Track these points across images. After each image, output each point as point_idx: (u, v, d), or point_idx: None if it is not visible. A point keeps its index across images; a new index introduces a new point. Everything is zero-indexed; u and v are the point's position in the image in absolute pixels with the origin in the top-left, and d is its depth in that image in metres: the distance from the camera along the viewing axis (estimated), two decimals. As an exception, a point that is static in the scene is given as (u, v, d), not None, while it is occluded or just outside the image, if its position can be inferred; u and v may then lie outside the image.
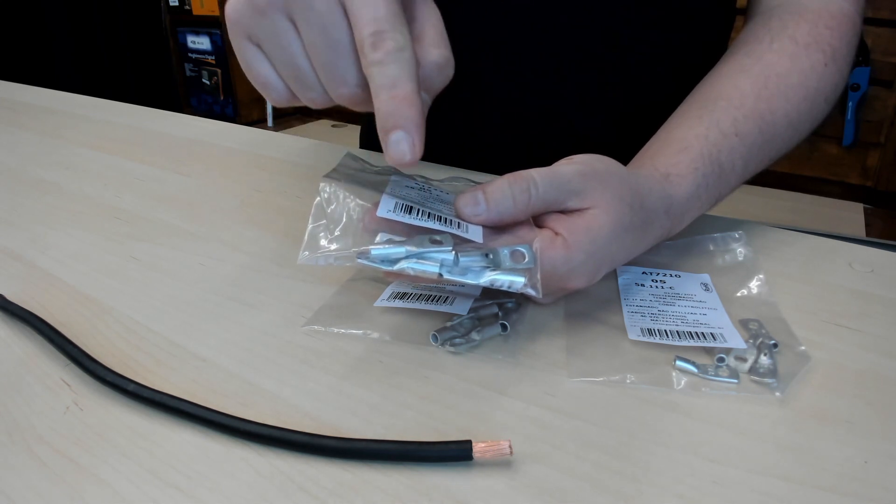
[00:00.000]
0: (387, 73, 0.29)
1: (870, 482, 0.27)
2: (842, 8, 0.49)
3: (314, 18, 0.30)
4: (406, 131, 0.29)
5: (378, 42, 0.29)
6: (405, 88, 0.29)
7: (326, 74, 0.31)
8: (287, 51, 0.32)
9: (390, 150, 0.30)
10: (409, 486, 0.26)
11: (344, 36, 0.30)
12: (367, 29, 0.29)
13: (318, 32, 0.30)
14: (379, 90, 0.29)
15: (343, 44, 0.30)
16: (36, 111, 0.84)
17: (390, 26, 0.29)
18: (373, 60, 0.29)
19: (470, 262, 0.31)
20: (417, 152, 0.30)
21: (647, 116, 0.50)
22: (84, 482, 0.27)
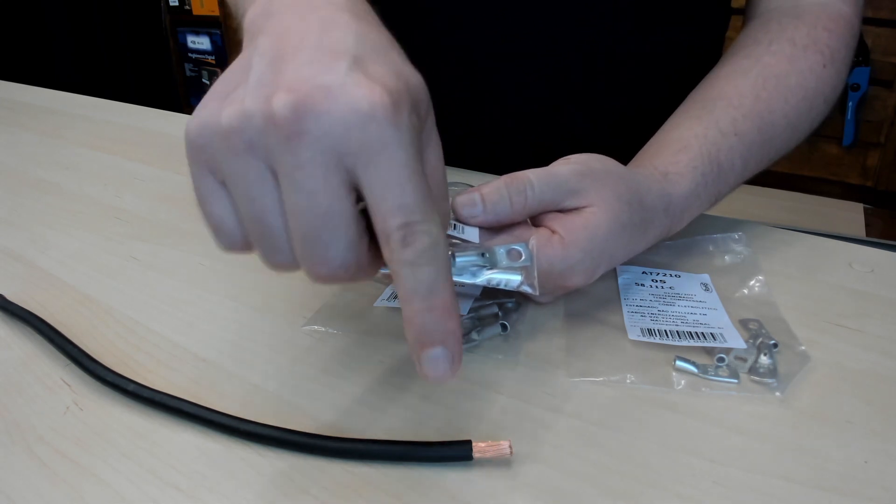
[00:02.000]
0: (421, 278, 0.24)
1: (870, 482, 0.27)
2: (840, 10, 0.50)
3: (305, 181, 0.23)
4: (446, 346, 0.24)
5: (409, 237, 0.23)
6: (443, 296, 0.24)
7: (306, 249, 0.24)
8: (258, 204, 0.24)
9: (426, 368, 0.24)
10: (409, 486, 0.26)
11: (344, 210, 0.24)
12: (395, 220, 0.23)
13: (306, 198, 0.23)
14: (411, 297, 0.24)
15: (340, 219, 0.24)
16: (36, 111, 0.84)
17: (422, 216, 0.23)
18: (404, 260, 0.24)
19: (466, 262, 0.31)
20: (457, 369, 0.25)
21: (647, 117, 0.50)
22: (84, 482, 0.27)
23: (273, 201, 0.24)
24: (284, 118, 0.22)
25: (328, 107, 0.23)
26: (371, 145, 0.23)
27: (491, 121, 0.61)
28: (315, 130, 0.23)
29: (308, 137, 0.23)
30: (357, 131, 0.23)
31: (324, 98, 0.23)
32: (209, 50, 3.18)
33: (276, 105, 0.23)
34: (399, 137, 0.23)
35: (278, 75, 0.24)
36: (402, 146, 0.23)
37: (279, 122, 0.23)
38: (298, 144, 0.23)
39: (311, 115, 0.22)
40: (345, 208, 0.24)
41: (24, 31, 2.66)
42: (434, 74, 0.66)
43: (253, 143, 0.23)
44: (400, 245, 0.23)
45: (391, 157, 0.23)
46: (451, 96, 0.62)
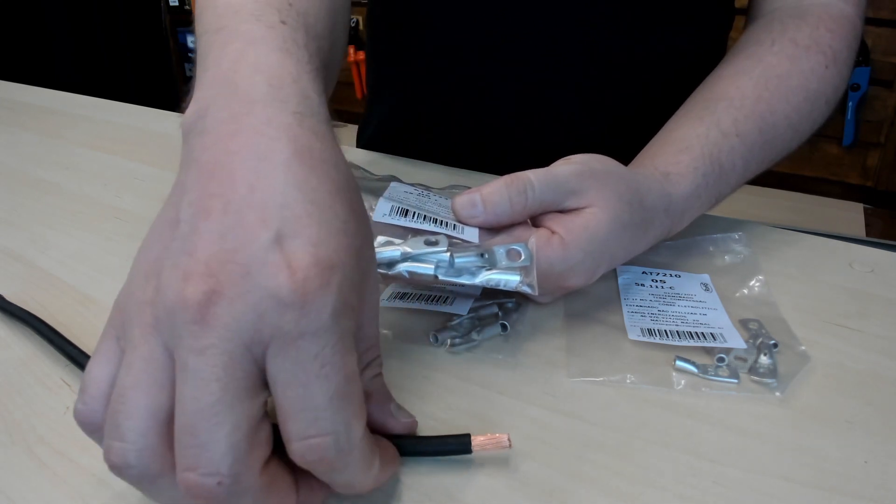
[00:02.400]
0: (334, 481, 0.22)
1: (870, 482, 0.27)
2: (842, 10, 0.50)
3: (200, 369, 0.20)
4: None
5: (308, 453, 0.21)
6: (364, 485, 0.23)
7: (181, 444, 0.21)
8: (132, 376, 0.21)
9: None
10: (408, 487, 0.26)
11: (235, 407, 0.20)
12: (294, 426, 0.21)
13: (195, 387, 0.20)
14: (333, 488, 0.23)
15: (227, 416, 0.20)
16: (36, 111, 0.84)
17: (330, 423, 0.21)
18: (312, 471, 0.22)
19: (466, 263, 0.31)
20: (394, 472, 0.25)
21: (648, 118, 0.50)
22: (84, 482, 0.27)
23: (150, 381, 0.21)
24: (196, 302, 0.20)
25: (241, 290, 0.21)
26: (283, 335, 0.20)
27: (491, 121, 0.61)
28: (225, 316, 0.20)
29: (216, 322, 0.20)
30: (270, 319, 0.20)
31: (238, 280, 0.21)
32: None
33: (188, 289, 0.21)
34: (318, 326, 0.21)
35: (197, 244, 0.21)
36: (319, 337, 0.21)
37: (189, 305, 0.20)
38: (204, 328, 0.20)
39: (222, 301, 0.20)
40: (238, 406, 0.20)
41: (24, 31, 2.66)
42: (434, 75, 0.67)
43: (160, 320, 0.21)
44: (300, 459, 0.21)
45: (302, 348, 0.21)
46: (450, 97, 0.62)
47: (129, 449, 0.21)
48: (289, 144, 0.23)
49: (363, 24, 2.60)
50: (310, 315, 0.21)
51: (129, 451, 0.21)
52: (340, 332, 0.21)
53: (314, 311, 0.21)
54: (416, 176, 0.42)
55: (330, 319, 0.21)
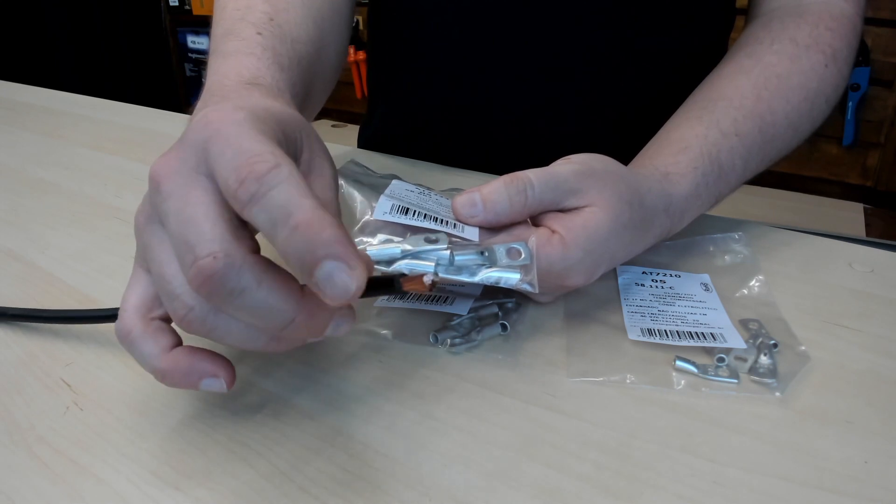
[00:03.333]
0: (270, 205, 0.22)
1: (870, 482, 0.27)
2: (842, 10, 0.50)
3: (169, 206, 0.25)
4: (333, 257, 0.22)
5: (243, 174, 0.23)
6: (303, 209, 0.22)
7: (180, 258, 0.24)
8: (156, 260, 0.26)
9: (325, 290, 0.22)
10: (408, 487, 0.26)
11: (202, 209, 0.24)
12: (231, 176, 0.23)
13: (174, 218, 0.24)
14: (272, 231, 0.23)
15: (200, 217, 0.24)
16: (36, 111, 0.84)
17: (254, 151, 0.24)
18: (246, 200, 0.23)
19: (465, 261, 0.31)
20: (360, 276, 0.22)
21: (648, 117, 0.50)
22: (84, 482, 0.27)
23: (167, 253, 0.25)
24: (153, 175, 0.26)
25: (177, 149, 0.26)
26: (207, 142, 0.25)
27: (491, 121, 0.61)
28: (172, 165, 0.25)
29: (168, 171, 0.25)
30: (198, 143, 0.25)
31: (175, 148, 0.26)
32: (209, 50, 3.18)
33: (150, 171, 0.26)
34: (227, 125, 0.25)
35: None
36: (231, 125, 0.25)
37: (151, 180, 0.26)
38: (163, 184, 0.25)
39: (167, 161, 0.26)
40: (209, 211, 0.24)
41: (24, 31, 2.66)
42: (434, 75, 0.66)
43: (148, 214, 0.26)
44: (237, 186, 0.23)
45: (220, 137, 0.25)
46: (451, 97, 0.62)
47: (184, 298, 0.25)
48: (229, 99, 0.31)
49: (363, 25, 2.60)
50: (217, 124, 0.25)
51: (185, 300, 0.25)
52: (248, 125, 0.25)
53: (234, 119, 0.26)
54: (416, 176, 0.42)
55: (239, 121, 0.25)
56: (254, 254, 0.24)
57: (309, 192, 0.23)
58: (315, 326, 0.25)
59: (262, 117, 0.27)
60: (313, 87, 0.45)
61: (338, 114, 3.43)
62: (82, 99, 0.89)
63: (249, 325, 0.25)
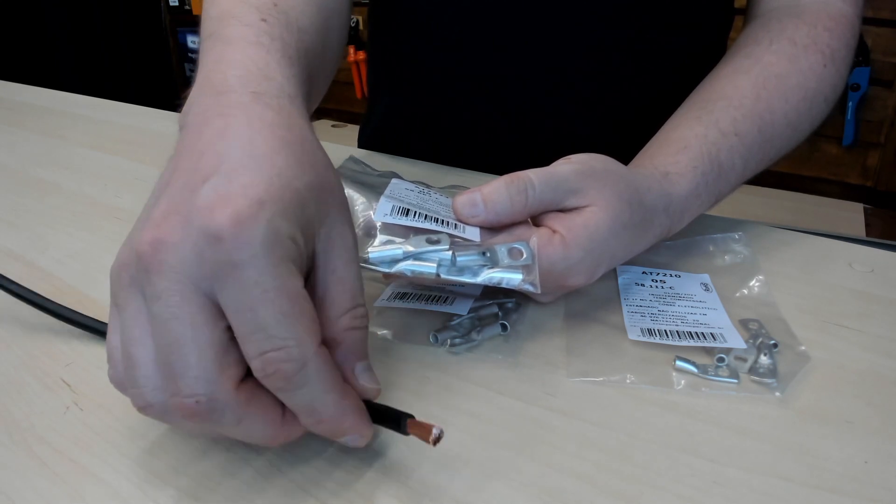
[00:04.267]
0: (297, 402, 0.24)
1: (870, 482, 0.27)
2: (841, 10, 0.50)
3: (160, 311, 0.23)
4: (352, 433, 0.26)
5: (268, 367, 0.23)
6: (327, 411, 0.24)
7: (164, 379, 0.23)
8: (127, 333, 0.24)
9: (350, 445, 0.26)
10: (408, 487, 0.26)
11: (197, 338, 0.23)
12: (252, 346, 0.23)
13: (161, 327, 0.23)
14: (300, 414, 0.25)
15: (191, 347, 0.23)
16: (36, 111, 0.84)
17: (280, 338, 0.23)
18: (272, 388, 0.24)
19: (467, 261, 0.31)
20: (370, 432, 0.26)
21: (648, 117, 0.50)
22: (84, 482, 0.27)
23: (142, 332, 0.24)
24: (145, 253, 0.23)
25: (182, 235, 0.23)
26: (219, 266, 0.23)
27: (491, 121, 0.61)
28: (170, 260, 0.23)
29: (164, 267, 0.23)
30: (209, 254, 0.23)
31: (178, 227, 0.23)
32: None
33: (140, 244, 0.24)
34: (248, 253, 0.22)
35: (154, 210, 0.25)
36: (253, 262, 0.22)
37: (142, 257, 0.23)
38: (155, 275, 0.23)
39: (165, 247, 0.23)
40: (199, 336, 0.23)
41: (24, 31, 2.66)
42: (434, 75, 0.66)
43: (134, 278, 0.24)
44: (263, 375, 0.23)
45: (241, 277, 0.22)
46: (451, 97, 0.62)
47: (144, 392, 0.24)
48: (242, 118, 0.27)
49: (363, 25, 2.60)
50: (241, 245, 0.22)
51: (145, 394, 0.24)
52: (276, 258, 0.23)
53: (245, 240, 0.22)
54: (416, 176, 0.42)
55: (261, 247, 0.23)
56: (237, 389, 0.23)
57: (334, 383, 0.25)
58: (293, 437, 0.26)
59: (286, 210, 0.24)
60: (316, 82, 0.41)
61: (338, 114, 3.43)
62: (82, 99, 0.89)
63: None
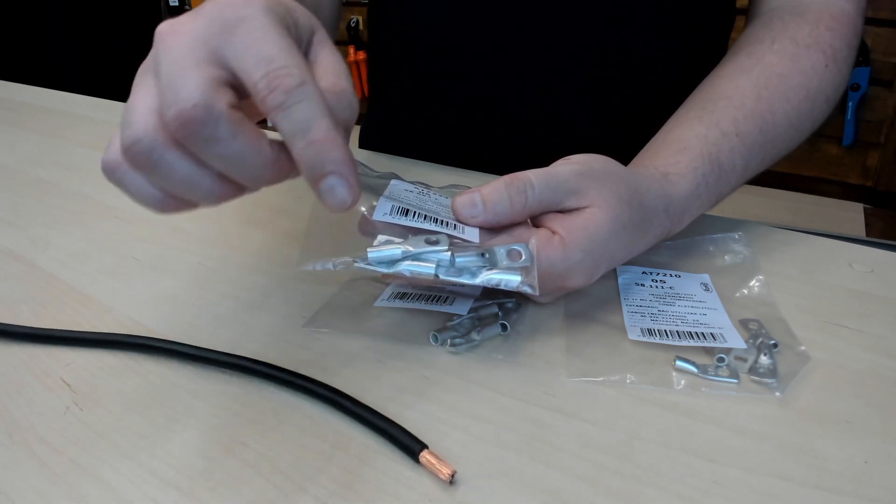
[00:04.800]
0: (294, 117, 0.26)
1: (870, 482, 0.27)
2: (843, 9, 0.50)
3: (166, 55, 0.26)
4: (338, 175, 0.26)
5: (273, 82, 0.25)
6: (321, 128, 0.26)
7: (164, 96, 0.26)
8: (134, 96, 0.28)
9: (326, 199, 0.27)
10: (409, 487, 0.26)
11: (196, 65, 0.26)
12: (258, 72, 0.25)
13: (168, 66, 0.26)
14: (291, 138, 0.26)
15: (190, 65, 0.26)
16: (36, 111, 0.84)
17: (283, 63, 0.26)
18: (272, 105, 0.25)
19: (466, 262, 0.31)
20: (356, 192, 0.27)
21: (649, 117, 0.50)
22: (84, 482, 0.27)
23: (142, 90, 0.27)
24: (162, 31, 0.27)
25: (195, 13, 0.27)
26: (227, 23, 0.26)
27: (491, 121, 0.61)
28: (182, 30, 0.26)
29: (176, 34, 0.26)
30: (217, 18, 0.26)
31: (190, 16, 0.27)
32: None
33: (159, 29, 0.27)
34: (252, 11, 0.26)
35: None
36: (256, 16, 0.26)
37: (158, 35, 0.27)
38: (168, 37, 0.26)
39: (179, 23, 0.27)
40: (198, 65, 0.25)
41: (24, 31, 2.66)
42: (434, 75, 0.66)
43: (146, 64, 0.28)
44: (266, 92, 0.25)
45: (246, 25, 0.26)
46: (451, 97, 0.62)
47: (136, 126, 0.26)
48: None
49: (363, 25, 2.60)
50: (248, 4, 0.27)
51: (136, 127, 0.26)
52: (275, 18, 0.27)
53: (250, 3, 0.27)
54: (416, 176, 0.42)
55: (263, 8, 0.27)
56: (233, 108, 0.25)
57: (327, 111, 0.26)
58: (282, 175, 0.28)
59: (279, 10, 0.28)
60: None
61: (338, 114, 3.41)
62: (82, 99, 0.89)
63: (198, 171, 0.27)
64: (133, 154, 0.26)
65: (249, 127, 0.26)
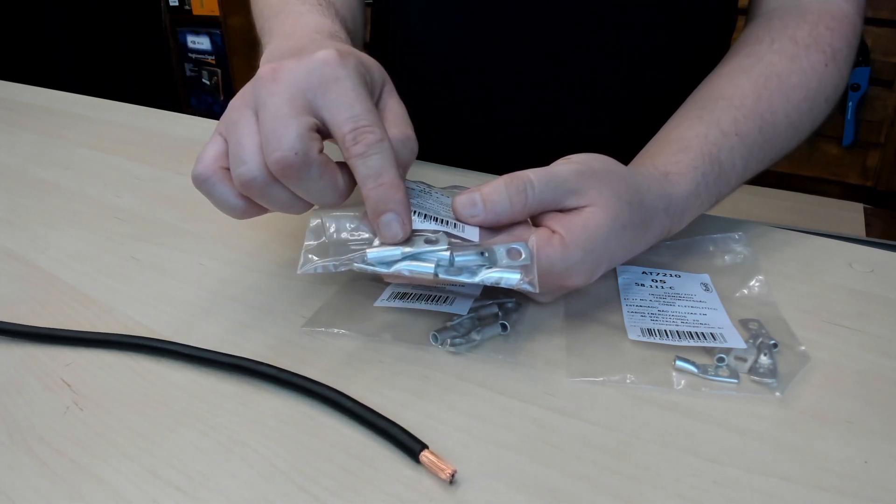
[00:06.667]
0: (371, 165, 0.32)
1: (870, 482, 0.27)
2: (842, 9, 0.50)
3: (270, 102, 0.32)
4: (396, 213, 0.32)
5: (359, 136, 0.32)
6: (389, 175, 0.32)
7: (266, 142, 0.32)
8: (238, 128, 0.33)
9: (383, 231, 0.32)
10: (409, 487, 0.26)
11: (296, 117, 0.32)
12: (347, 126, 0.32)
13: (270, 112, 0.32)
14: (365, 180, 0.32)
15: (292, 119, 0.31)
16: (36, 111, 0.84)
17: (368, 121, 0.32)
18: (355, 154, 0.32)
19: (465, 261, 0.31)
20: (408, 230, 0.32)
21: (649, 117, 0.50)
22: (84, 482, 0.27)
23: (247, 127, 0.33)
24: (264, 75, 0.33)
25: (295, 65, 0.33)
26: (325, 79, 0.32)
27: (491, 121, 0.61)
28: (284, 77, 0.32)
29: (279, 80, 0.32)
30: (316, 73, 0.32)
31: (293, 62, 0.33)
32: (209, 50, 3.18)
33: (261, 70, 0.33)
34: (346, 73, 0.33)
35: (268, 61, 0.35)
36: (349, 78, 0.33)
37: (260, 78, 0.33)
38: (270, 84, 0.32)
39: (283, 69, 0.33)
40: (297, 114, 0.31)
41: (24, 31, 2.66)
42: (434, 75, 0.67)
43: (246, 98, 0.34)
44: (352, 143, 0.32)
45: (340, 85, 0.32)
46: (451, 97, 0.62)
47: (251, 165, 0.32)
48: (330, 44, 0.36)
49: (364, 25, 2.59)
50: (343, 66, 0.33)
51: (252, 167, 0.32)
52: (362, 80, 0.34)
53: (344, 64, 0.33)
54: (416, 175, 0.42)
55: (354, 70, 0.33)
56: (321, 154, 0.32)
57: (395, 162, 0.32)
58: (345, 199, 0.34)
59: (362, 71, 0.34)
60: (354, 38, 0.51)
61: (338, 114, 3.41)
62: (82, 99, 0.89)
63: (293, 198, 0.33)
64: (248, 188, 0.33)
65: (332, 167, 0.33)
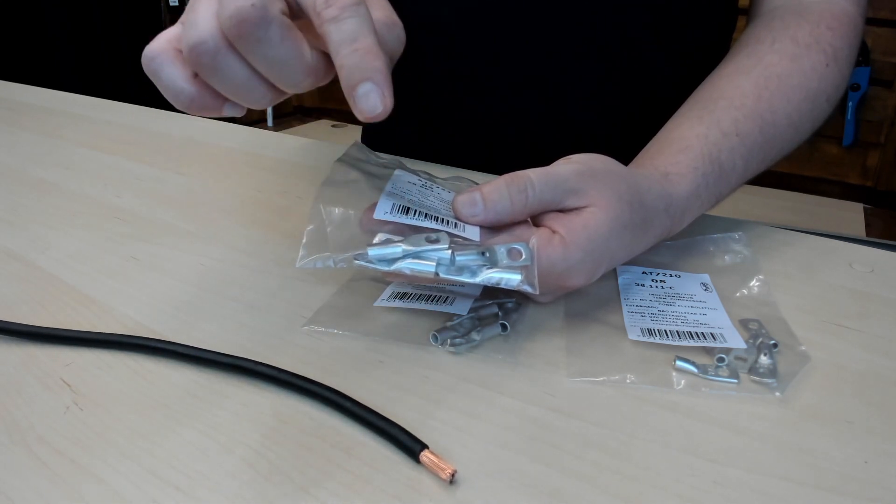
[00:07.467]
0: (345, 29, 0.28)
1: (870, 482, 0.27)
2: (844, 9, 0.50)
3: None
4: (374, 82, 0.28)
5: (334, 3, 0.28)
6: (366, 40, 0.28)
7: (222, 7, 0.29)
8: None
9: (360, 104, 0.28)
10: (409, 487, 0.26)
11: None
12: None
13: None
14: (339, 46, 0.28)
15: None
16: (36, 111, 0.84)
17: None
18: (328, 17, 0.28)
19: (466, 261, 0.31)
20: (388, 103, 0.29)
21: (650, 117, 0.50)
22: (84, 482, 0.27)
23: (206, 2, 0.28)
24: None
25: None
26: None
27: (492, 120, 0.61)
28: None
29: None
30: None
31: None
32: None
33: None
34: None
35: None
36: None
37: None
38: None
39: None
40: None
41: (24, 31, 2.66)
42: (434, 75, 0.67)
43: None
44: (324, 7, 0.28)
45: None
46: (451, 97, 0.62)
47: (200, 30, 0.28)
48: None
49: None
50: None
51: (201, 32, 0.28)
52: None
53: None
54: (416, 176, 0.43)
55: None
56: (283, 14, 0.28)
57: (375, 31, 0.29)
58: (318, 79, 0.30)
59: None
60: None
61: (338, 114, 3.43)
62: (82, 99, 0.89)
63: (252, 76, 0.29)
64: (197, 55, 0.28)
65: (296, 33, 0.28)
